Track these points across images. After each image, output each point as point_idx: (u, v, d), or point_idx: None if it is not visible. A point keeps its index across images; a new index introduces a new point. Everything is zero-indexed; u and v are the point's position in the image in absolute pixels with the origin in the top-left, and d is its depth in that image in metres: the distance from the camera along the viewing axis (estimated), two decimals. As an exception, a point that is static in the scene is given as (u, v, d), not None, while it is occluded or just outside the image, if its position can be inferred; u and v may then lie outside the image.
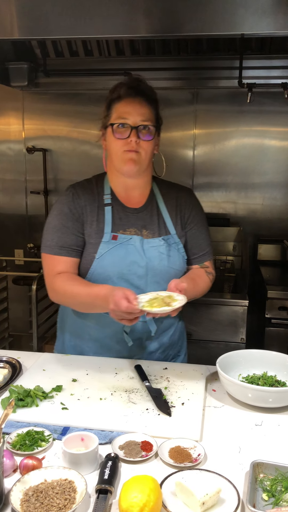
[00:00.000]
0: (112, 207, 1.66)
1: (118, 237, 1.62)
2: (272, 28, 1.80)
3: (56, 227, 1.64)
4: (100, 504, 0.99)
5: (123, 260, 1.61)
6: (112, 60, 3.41)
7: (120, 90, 1.58)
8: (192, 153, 3.59)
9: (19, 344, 3.87)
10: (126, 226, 1.65)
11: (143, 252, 1.63)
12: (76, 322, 1.75)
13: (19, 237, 3.91)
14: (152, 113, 1.59)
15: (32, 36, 2.30)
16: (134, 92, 1.57)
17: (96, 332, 1.71)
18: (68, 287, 1.58)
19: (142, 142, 1.55)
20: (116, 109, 1.58)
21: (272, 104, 3.40)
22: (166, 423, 1.31)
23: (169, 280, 1.58)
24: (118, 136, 1.56)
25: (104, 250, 1.61)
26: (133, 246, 1.62)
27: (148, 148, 1.58)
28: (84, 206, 1.64)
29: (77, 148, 3.72)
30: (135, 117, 1.55)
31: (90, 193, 1.67)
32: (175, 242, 1.69)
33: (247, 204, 3.60)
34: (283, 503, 1.02)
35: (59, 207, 1.65)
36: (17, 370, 1.59)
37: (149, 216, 1.69)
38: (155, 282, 1.64)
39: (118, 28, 1.89)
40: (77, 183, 1.71)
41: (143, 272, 1.62)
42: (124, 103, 1.57)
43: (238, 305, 2.84)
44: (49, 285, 1.65)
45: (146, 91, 1.60)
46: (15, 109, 3.75)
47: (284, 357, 1.58)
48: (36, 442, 1.21)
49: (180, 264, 1.70)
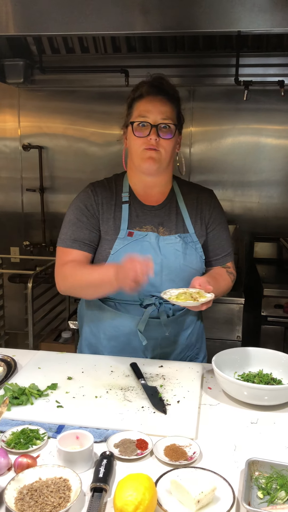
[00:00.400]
0: (130, 205, 1.67)
1: (134, 234, 1.63)
2: (269, 25, 1.80)
3: (71, 221, 1.66)
4: (95, 502, 0.99)
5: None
6: (109, 57, 3.40)
7: (142, 89, 1.59)
8: (188, 150, 3.58)
9: (14, 342, 3.86)
10: (143, 223, 1.66)
11: (159, 249, 1.63)
12: (92, 320, 1.75)
13: (15, 234, 3.90)
14: (173, 111, 1.59)
15: (28, 33, 2.29)
16: (156, 91, 1.57)
17: (111, 331, 1.70)
18: (77, 271, 1.59)
19: (162, 141, 1.55)
20: (137, 108, 1.58)
21: (268, 102, 3.40)
22: (161, 421, 1.31)
23: (185, 278, 1.62)
24: (138, 134, 1.56)
25: (119, 246, 1.61)
26: (148, 243, 1.62)
27: (168, 146, 1.57)
28: (101, 204, 1.66)
29: (73, 145, 3.71)
30: (155, 115, 1.55)
31: (108, 191, 1.68)
32: (192, 241, 1.68)
33: (243, 202, 3.60)
34: (278, 501, 1.02)
35: (76, 202, 1.68)
36: (12, 368, 1.59)
37: (167, 213, 1.69)
38: (170, 280, 1.63)
39: (115, 24, 1.88)
40: (97, 181, 1.73)
41: (158, 269, 1.61)
42: (145, 101, 1.57)
43: (234, 303, 2.85)
44: (58, 274, 1.65)
45: (168, 89, 1.60)
46: (11, 106, 3.74)
47: (279, 355, 1.58)
48: (31, 441, 1.21)
49: (197, 263, 1.68)
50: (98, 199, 1.66)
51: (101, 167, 3.54)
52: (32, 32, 2.11)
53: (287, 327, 2.87)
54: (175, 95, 1.62)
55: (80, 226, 1.64)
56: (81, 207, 1.66)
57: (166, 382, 1.53)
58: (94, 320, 1.74)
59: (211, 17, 1.81)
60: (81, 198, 1.68)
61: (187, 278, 1.61)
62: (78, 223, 1.64)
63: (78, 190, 1.80)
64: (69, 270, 1.61)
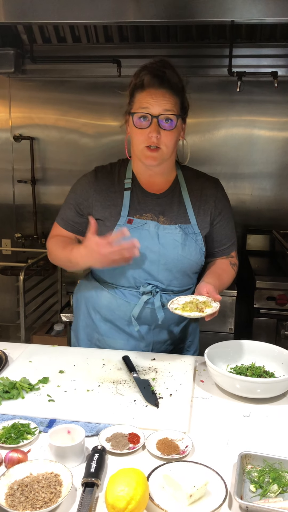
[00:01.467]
0: (132, 192, 1.66)
1: (133, 221, 1.62)
2: (263, 15, 1.78)
3: (66, 200, 1.76)
4: (86, 497, 0.98)
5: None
6: (101, 47, 3.35)
7: (144, 78, 1.53)
8: (181, 142, 3.55)
9: (6, 335, 3.84)
10: (144, 211, 1.65)
11: (157, 238, 1.62)
12: (89, 301, 1.77)
13: (6, 226, 3.86)
14: (176, 102, 1.55)
15: (18, 21, 2.25)
16: (159, 82, 1.52)
17: (107, 313, 1.73)
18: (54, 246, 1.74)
19: (163, 134, 1.52)
20: (138, 99, 1.54)
21: (261, 94, 3.37)
22: (153, 414, 1.30)
23: (183, 269, 1.64)
24: (139, 126, 1.53)
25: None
26: (147, 231, 1.62)
27: (170, 140, 1.55)
28: (101, 191, 1.67)
29: (64, 136, 3.67)
30: (156, 108, 1.51)
31: (111, 178, 1.69)
32: (193, 233, 1.66)
33: (236, 194, 3.58)
34: (270, 494, 1.02)
35: (76, 185, 1.74)
36: (2, 362, 1.57)
37: (169, 203, 1.67)
38: (166, 269, 1.63)
39: (106, 13, 1.85)
40: (102, 166, 1.74)
41: (155, 258, 1.62)
42: (147, 94, 1.52)
43: (226, 295, 2.84)
44: (47, 247, 1.79)
45: (172, 79, 1.54)
46: (1, 96, 3.68)
47: (272, 347, 1.58)
48: (22, 435, 1.19)
49: (196, 255, 1.67)
50: (97, 186, 1.67)
51: (92, 158, 3.50)
52: (23, 20, 2.08)
53: (279, 319, 2.87)
54: (179, 85, 1.56)
55: (69, 207, 1.72)
56: (76, 191, 1.72)
57: (158, 375, 1.52)
58: (90, 301, 1.76)
59: (205, 6, 1.79)
60: (81, 182, 1.72)
61: (185, 269, 1.64)
62: (68, 204, 1.73)
63: (70, 182, 1.79)
64: (51, 244, 1.75)
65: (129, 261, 1.50)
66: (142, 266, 1.62)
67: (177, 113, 1.54)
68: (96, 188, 1.67)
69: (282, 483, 1.03)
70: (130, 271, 1.63)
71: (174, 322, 1.73)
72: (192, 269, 1.68)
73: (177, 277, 1.64)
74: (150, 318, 1.68)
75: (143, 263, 1.62)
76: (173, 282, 1.66)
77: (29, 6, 1.84)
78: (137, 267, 1.62)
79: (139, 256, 1.58)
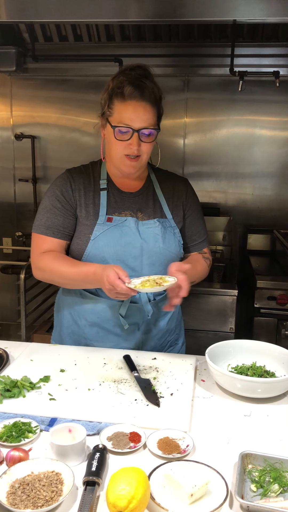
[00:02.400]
0: (108, 191, 1.67)
1: (113, 219, 1.64)
2: (265, 15, 1.78)
3: (46, 207, 1.66)
4: (88, 496, 0.98)
5: (118, 241, 1.62)
6: (102, 46, 3.36)
7: (124, 88, 1.51)
8: (182, 142, 3.56)
9: (7, 334, 3.84)
10: (122, 209, 1.67)
11: (139, 233, 1.64)
12: (73, 308, 1.75)
13: (7, 225, 3.86)
14: (155, 114, 1.56)
15: (20, 19, 2.25)
16: (139, 95, 1.51)
17: (93, 317, 1.71)
18: (55, 266, 1.61)
19: (143, 145, 1.55)
20: (118, 110, 1.53)
21: (263, 93, 3.38)
22: (154, 413, 1.31)
23: (164, 262, 1.65)
24: (120, 138, 1.54)
25: (99, 232, 1.62)
26: (128, 228, 1.63)
27: (149, 149, 1.58)
28: (79, 189, 1.66)
29: (66, 135, 3.67)
30: (138, 123, 1.52)
31: (86, 177, 1.69)
32: (171, 226, 1.71)
33: (237, 193, 3.59)
34: (271, 494, 1.02)
35: (53, 189, 1.67)
36: (4, 360, 1.57)
37: (145, 200, 1.71)
38: (150, 264, 1.66)
39: (108, 12, 1.85)
40: (73, 168, 1.72)
41: (138, 253, 1.64)
42: (127, 106, 1.52)
43: (227, 294, 2.84)
44: (34, 263, 1.67)
45: (151, 91, 1.54)
46: (3, 95, 3.69)
47: (273, 347, 1.58)
48: (23, 434, 1.19)
49: (176, 248, 1.71)
50: (75, 185, 1.66)
51: (93, 157, 3.45)
52: (25, 18, 2.08)
53: (280, 319, 2.87)
54: (157, 96, 1.57)
55: (55, 213, 1.64)
56: (57, 193, 1.65)
57: (159, 375, 1.52)
58: (75, 308, 1.74)
59: (207, 5, 1.79)
60: (57, 184, 1.67)
61: (166, 262, 1.65)
62: (53, 210, 1.64)
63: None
64: (45, 262, 1.63)
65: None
66: (126, 263, 1.63)
67: (156, 126, 1.57)
68: (74, 187, 1.66)
69: (283, 483, 1.03)
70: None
71: (160, 315, 1.75)
72: (173, 261, 1.69)
73: (160, 270, 1.67)
74: (138, 314, 1.69)
75: (126, 259, 1.63)
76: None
77: (31, 4, 1.84)
78: (121, 263, 1.62)
79: (122, 253, 1.62)
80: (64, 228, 1.65)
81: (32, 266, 1.68)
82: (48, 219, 1.64)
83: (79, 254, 1.65)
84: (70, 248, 1.69)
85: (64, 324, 1.79)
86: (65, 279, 1.64)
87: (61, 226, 1.64)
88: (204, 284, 2.99)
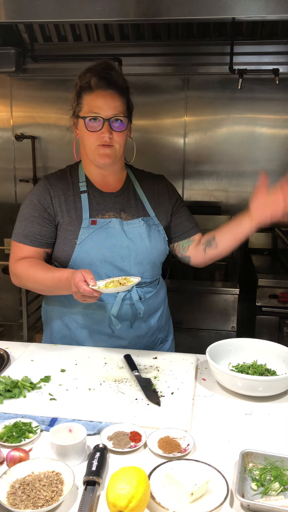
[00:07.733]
0: (88, 194, 1.67)
1: (97, 222, 1.63)
2: (264, 12, 1.77)
3: (24, 216, 1.66)
4: (88, 496, 0.98)
5: (105, 243, 1.62)
6: (101, 46, 3.35)
7: (90, 80, 1.55)
8: (183, 140, 3.55)
9: (9, 334, 3.84)
10: (105, 211, 1.66)
11: (124, 233, 1.64)
12: (62, 312, 1.74)
13: (8, 226, 3.81)
14: (124, 103, 1.58)
15: (19, 19, 2.25)
16: (106, 84, 1.54)
17: (84, 319, 1.71)
18: (31, 272, 1.62)
19: (115, 134, 1.56)
20: (87, 102, 1.56)
21: (263, 91, 3.37)
22: (155, 413, 1.30)
23: (151, 261, 1.68)
24: (91, 129, 1.55)
25: (85, 236, 1.61)
26: (113, 229, 1.63)
27: (122, 139, 1.59)
28: (58, 196, 1.65)
29: (66, 135, 3.62)
30: (107, 111, 1.53)
31: (64, 183, 1.68)
32: (154, 224, 1.72)
33: (238, 192, 3.58)
34: (272, 492, 1.02)
35: (30, 197, 1.67)
36: (4, 361, 1.57)
37: (126, 199, 1.71)
38: (138, 263, 1.66)
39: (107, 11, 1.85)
40: (50, 174, 1.72)
41: (126, 253, 1.64)
42: (95, 96, 1.54)
43: (229, 293, 2.84)
44: (11, 270, 1.68)
45: (118, 81, 1.57)
46: (3, 95, 3.68)
47: (274, 345, 1.57)
48: (24, 434, 1.20)
49: (161, 245, 1.72)
50: (53, 191, 1.65)
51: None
52: (24, 19, 2.07)
53: (281, 317, 2.87)
54: (124, 86, 1.59)
55: (32, 221, 1.64)
56: (34, 202, 1.65)
57: (160, 374, 1.52)
58: (64, 311, 1.73)
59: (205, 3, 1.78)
60: (35, 192, 1.67)
61: (154, 259, 1.68)
62: (30, 218, 1.64)
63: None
64: (21, 269, 1.63)
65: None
66: (114, 264, 1.63)
67: (126, 114, 1.58)
68: (53, 194, 1.64)
69: (283, 481, 1.03)
70: (103, 272, 1.63)
71: (151, 313, 1.76)
72: (160, 259, 1.74)
73: (147, 268, 1.68)
74: (130, 313, 1.69)
75: (115, 260, 1.63)
76: (145, 274, 1.69)
77: (30, 5, 1.83)
78: (109, 265, 1.63)
79: (110, 255, 1.62)
80: (42, 236, 1.64)
81: (10, 273, 1.69)
82: (26, 227, 1.64)
83: (65, 261, 1.64)
84: (55, 255, 1.68)
85: (54, 329, 1.78)
86: (39, 285, 1.64)
87: (39, 235, 1.64)
88: (205, 283, 3.00)
